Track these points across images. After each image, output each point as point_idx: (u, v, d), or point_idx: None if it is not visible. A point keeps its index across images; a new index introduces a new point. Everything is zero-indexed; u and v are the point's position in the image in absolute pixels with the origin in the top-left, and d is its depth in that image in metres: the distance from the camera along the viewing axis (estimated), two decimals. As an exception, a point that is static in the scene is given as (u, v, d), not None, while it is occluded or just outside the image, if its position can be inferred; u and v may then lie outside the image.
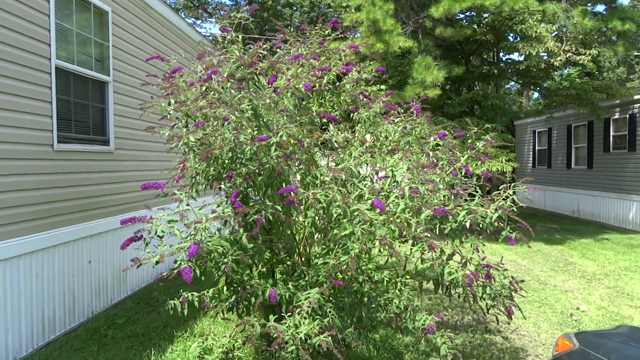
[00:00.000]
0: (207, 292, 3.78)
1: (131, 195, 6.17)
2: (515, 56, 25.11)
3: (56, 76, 4.78)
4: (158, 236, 3.06)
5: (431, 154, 4.09)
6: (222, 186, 3.61)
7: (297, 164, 3.91)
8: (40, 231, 4.49)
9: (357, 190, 3.36)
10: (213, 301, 3.78)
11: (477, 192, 3.64)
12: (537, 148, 18.69)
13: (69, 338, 4.72)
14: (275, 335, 2.88)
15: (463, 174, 3.77)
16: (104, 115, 5.71)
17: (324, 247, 3.88)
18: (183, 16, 26.55)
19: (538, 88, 15.41)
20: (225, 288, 3.78)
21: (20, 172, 4.26)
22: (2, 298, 4.05)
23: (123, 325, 5.09)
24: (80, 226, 5.11)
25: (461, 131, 4.19)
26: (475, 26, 13.57)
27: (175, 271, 2.92)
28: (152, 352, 4.34)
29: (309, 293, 3.12)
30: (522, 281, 3.89)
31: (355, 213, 3.08)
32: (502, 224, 3.35)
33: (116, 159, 5.87)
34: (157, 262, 2.86)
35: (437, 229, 3.56)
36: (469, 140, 4.21)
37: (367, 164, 3.99)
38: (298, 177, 4.26)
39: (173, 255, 2.96)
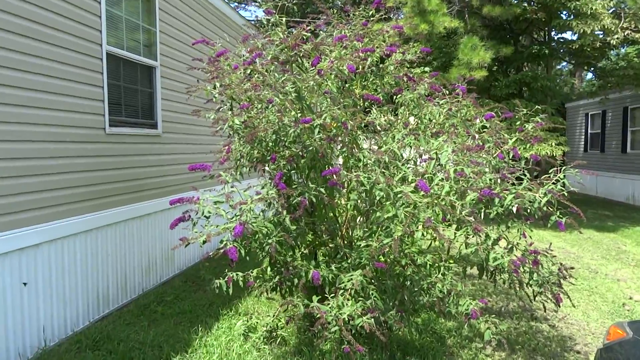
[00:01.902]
0: (252, 273, 3.87)
1: (178, 178, 6.35)
2: (568, 35, 24.00)
3: (107, 61, 4.94)
4: (205, 217, 3.15)
5: (477, 136, 4.00)
6: (267, 168, 3.66)
7: (339, 147, 3.91)
8: (93, 211, 4.70)
9: (400, 173, 3.34)
10: (257, 281, 3.87)
11: (525, 175, 3.54)
12: (589, 131, 17.92)
13: (121, 313, 4.95)
14: (318, 316, 2.92)
15: (511, 157, 3.67)
16: (152, 99, 5.87)
17: (366, 230, 3.88)
18: (226, 0, 26.74)
19: (592, 68, 14.70)
20: (269, 269, 3.86)
21: (74, 154, 4.46)
22: (61, 274, 4.28)
23: (171, 302, 5.28)
24: (130, 207, 5.30)
25: (509, 113, 4.07)
26: (526, 4, 13.03)
27: (222, 251, 3.00)
28: (200, 329, 4.50)
29: (351, 275, 3.14)
30: (572, 268, 3.78)
31: (399, 195, 3.07)
32: (551, 209, 3.25)
33: (163, 142, 6.04)
34: (204, 242, 2.95)
35: (482, 214, 3.50)
36: (518, 123, 4.09)
37: (410, 146, 3.94)
38: (340, 160, 4.27)
39: (219, 236, 3.04)
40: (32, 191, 3.98)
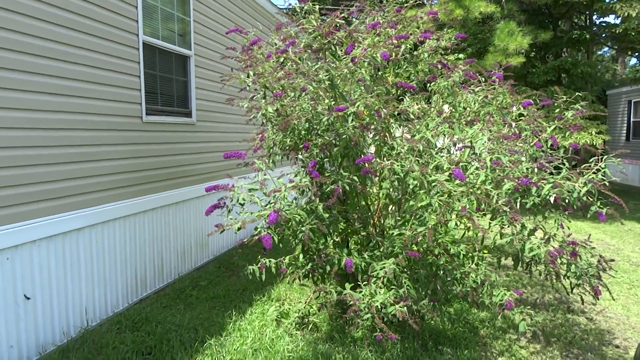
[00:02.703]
0: (284, 259, 3.92)
1: (211, 165, 6.45)
2: (610, 19, 23.08)
3: (143, 51, 5.04)
4: (239, 204, 3.20)
5: (514, 124, 3.92)
6: (299, 156, 3.69)
7: (372, 135, 3.90)
8: (131, 198, 4.84)
9: (434, 161, 3.31)
10: (290, 268, 3.92)
11: (563, 165, 3.46)
12: (632, 119, 17.26)
13: (158, 296, 5.10)
14: (350, 303, 2.95)
15: (549, 145, 3.59)
16: (186, 88, 5.97)
17: (398, 218, 3.88)
18: (258, -11, 26.73)
19: (636, 53, 14.12)
20: (301, 256, 3.90)
21: (114, 142, 4.59)
22: (102, 258, 4.44)
23: (206, 287, 5.41)
24: (166, 194, 5.44)
25: (547, 100, 3.97)
26: (566, -13, 12.59)
27: (256, 237, 3.06)
28: (233, 313, 4.60)
29: (384, 263, 3.15)
30: (612, 260, 3.68)
31: (433, 184, 3.05)
32: (591, 199, 3.17)
33: (198, 130, 6.14)
34: (238, 229, 3.01)
35: (518, 203, 3.44)
36: (557, 110, 3.98)
37: (444, 135, 3.90)
38: (373, 148, 4.26)
39: (253, 223, 3.09)
40: (76, 177, 4.13)
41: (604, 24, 13.85)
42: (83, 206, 4.21)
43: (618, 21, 12.35)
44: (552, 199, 3.16)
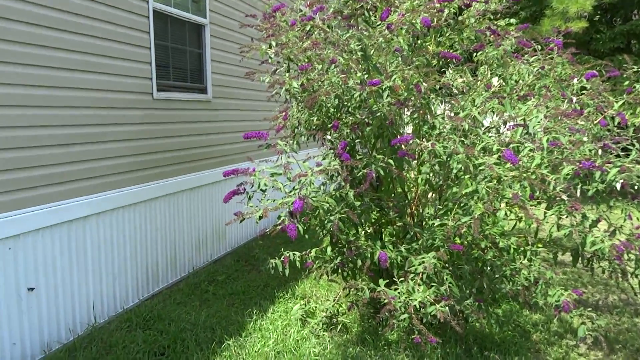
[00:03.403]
0: (310, 253, 3.94)
1: (229, 147, 6.51)
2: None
3: (154, 20, 5.09)
4: (261, 190, 3.23)
5: (574, 99, 3.83)
6: (328, 137, 3.68)
7: (410, 113, 3.87)
8: (141, 183, 4.92)
9: (481, 142, 3.26)
10: (316, 262, 3.95)
11: (633, 146, 3.36)
12: None
13: (171, 291, 5.21)
14: (385, 302, 2.95)
15: (616, 123, 3.49)
16: (201, 61, 6.01)
17: (439, 207, 3.85)
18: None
19: None
20: (329, 249, 3.92)
21: (122, 121, 4.67)
22: (110, 249, 4.55)
23: (223, 282, 5.50)
24: (179, 179, 5.52)
25: (615, 71, 3.85)
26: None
27: (279, 227, 3.07)
28: (254, 311, 4.66)
29: (423, 257, 3.14)
30: (688, 256, 3.58)
31: (480, 168, 3.01)
32: (665, 186, 3.08)
33: (214, 107, 6.19)
34: (260, 217, 3.03)
35: (579, 191, 3.37)
36: (625, 83, 3.87)
37: (493, 112, 3.84)
38: (410, 127, 4.22)
39: (276, 211, 3.12)
40: (81, 160, 4.22)
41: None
42: (89, 192, 4.31)
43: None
44: (618, 186, 3.08)
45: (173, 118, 5.41)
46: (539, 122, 3.35)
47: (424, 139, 3.83)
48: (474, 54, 4.42)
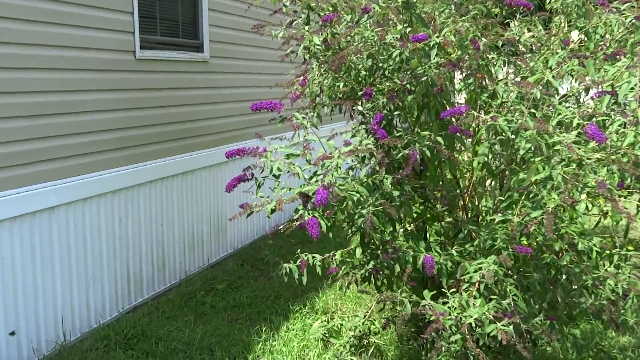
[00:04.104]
0: (335, 255, 3.94)
1: (232, 121, 6.53)
2: None
3: (136, -42, 5.09)
4: (273, 175, 3.23)
5: (680, 59, 3.75)
6: (359, 108, 3.67)
7: (464, 76, 3.83)
8: (121, 165, 4.97)
9: (557, 115, 3.22)
10: (343, 267, 3.95)
11: None
12: None
13: (159, 303, 5.27)
14: (431, 318, 2.94)
15: None
16: (195, 10, 6.01)
17: (501, 198, 3.82)
18: None
19: None
20: (359, 250, 3.92)
21: (95, 87, 4.70)
22: (82, 249, 4.61)
23: (224, 291, 5.54)
24: (169, 160, 5.55)
25: None
26: None
27: (296, 223, 3.07)
28: (263, 329, 4.70)
29: (480, 263, 3.12)
30: None
31: (556, 147, 2.97)
32: None
33: (212, 70, 6.20)
34: (272, 211, 3.04)
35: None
36: None
37: (571, 76, 3.78)
38: (464, 95, 4.18)
39: (293, 203, 3.12)
40: (45, 137, 4.27)
41: None
42: (57, 177, 4.36)
43: None
44: None
45: (160, 83, 5.43)
46: (632, 88, 3.29)
47: (481, 111, 3.79)
48: (547, 1, 4.35)
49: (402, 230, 4.13)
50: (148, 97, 5.27)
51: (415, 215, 4.14)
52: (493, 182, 4.29)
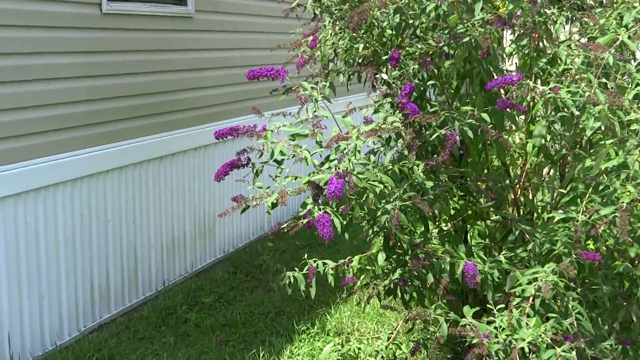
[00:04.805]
0: (351, 262, 3.95)
1: (223, 93, 6.52)
2: None
3: None
4: (275, 161, 3.22)
5: None
6: (383, 76, 3.66)
7: (516, 37, 3.82)
8: (84, 147, 4.98)
9: (635, 86, 3.21)
10: (362, 277, 3.95)
11: None
12: None
13: (130, 320, 5.30)
14: (474, 342, 2.95)
15: None
16: (177, -48, 6.01)
17: (562, 191, 3.81)
18: None
19: None
20: (381, 256, 3.93)
21: (53, 49, 4.70)
22: (34, 251, 4.63)
23: (212, 306, 5.56)
24: (143, 141, 5.56)
25: None
26: None
27: (304, 221, 3.07)
28: (261, 354, 4.72)
29: (535, 272, 3.12)
30: None
31: (633, 127, 2.96)
32: None
33: (198, 28, 6.20)
34: (274, 205, 3.03)
35: None
36: None
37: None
38: (515, 61, 4.16)
39: (299, 195, 3.12)
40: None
41: None
42: (2, 161, 4.37)
43: None
44: None
45: (133, 44, 5.43)
46: None
47: (538, 81, 3.77)
48: None
49: (436, 230, 4.12)
50: (117, 61, 5.27)
51: (453, 211, 4.14)
52: (552, 171, 4.27)
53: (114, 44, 5.23)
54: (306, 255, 3.86)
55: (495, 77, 3.55)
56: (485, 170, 4.09)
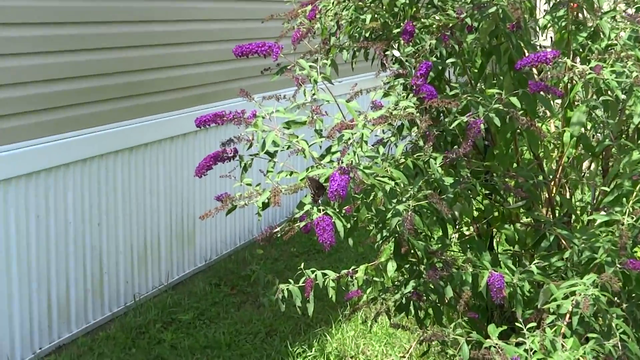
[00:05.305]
0: (356, 273, 3.95)
1: (204, 71, 6.52)
2: None
3: None
4: (267, 153, 3.23)
5: None
6: (394, 53, 3.67)
7: (550, 7, 3.83)
8: (37, 136, 4.97)
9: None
10: (368, 291, 3.96)
11: None
12: None
13: (94, 340, 5.31)
14: (500, 366, 2.97)
15: None
16: None
17: (605, 189, 3.83)
18: None
19: None
20: (391, 265, 3.93)
21: None
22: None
23: (190, 324, 5.57)
24: (109, 129, 5.56)
25: None
26: None
27: (300, 225, 3.08)
28: (248, 381, 4.74)
29: (573, 284, 3.14)
30: None
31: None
32: None
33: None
34: (265, 205, 3.04)
35: None
36: None
37: None
38: (550, 35, 4.17)
39: (295, 194, 3.13)
40: None
41: None
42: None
43: None
44: None
45: (96, 14, 5.43)
46: None
47: (577, 58, 3.78)
48: None
49: (456, 235, 4.13)
50: (77, 34, 5.27)
51: (476, 213, 4.15)
52: (593, 165, 4.28)
53: (72, 15, 5.23)
54: (303, 264, 3.86)
55: (527, 54, 3.56)
56: (515, 165, 4.09)
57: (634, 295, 3.60)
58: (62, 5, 5.14)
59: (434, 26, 3.65)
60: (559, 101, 4.02)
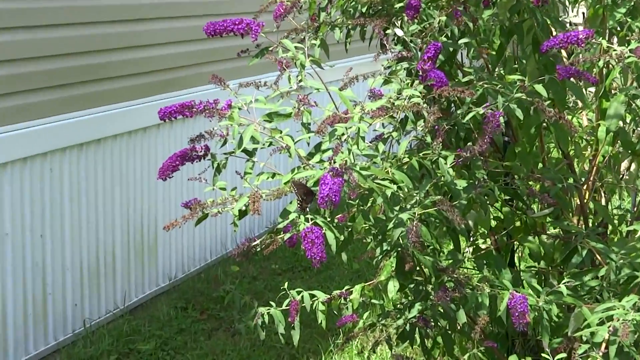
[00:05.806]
0: (350, 294, 3.96)
1: (170, 53, 6.52)
2: None
3: None
4: (245, 151, 3.23)
5: None
6: (397, 32, 3.67)
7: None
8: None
9: None
10: (365, 315, 3.96)
11: None
12: None
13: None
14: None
15: None
16: None
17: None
18: None
19: None
20: (393, 285, 3.94)
21: None
22: None
23: (152, 355, 5.57)
24: (55, 122, 5.55)
25: None
26: None
27: (284, 237, 3.08)
28: None
29: (610, 307, 3.15)
30: None
31: None
32: None
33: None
34: (242, 213, 3.05)
35: None
36: None
37: None
38: (582, 11, 4.19)
39: (278, 200, 3.13)
40: None
41: None
42: None
43: None
44: None
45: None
46: None
47: (614, 39, 3.80)
48: None
49: (470, 249, 4.14)
50: (16, 9, 5.27)
51: (494, 223, 4.16)
52: (633, 166, 4.30)
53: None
54: (286, 284, 3.86)
55: (554, 33, 3.57)
56: (540, 165, 4.10)
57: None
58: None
59: (444, 0, 3.66)
60: (592, 89, 4.03)
